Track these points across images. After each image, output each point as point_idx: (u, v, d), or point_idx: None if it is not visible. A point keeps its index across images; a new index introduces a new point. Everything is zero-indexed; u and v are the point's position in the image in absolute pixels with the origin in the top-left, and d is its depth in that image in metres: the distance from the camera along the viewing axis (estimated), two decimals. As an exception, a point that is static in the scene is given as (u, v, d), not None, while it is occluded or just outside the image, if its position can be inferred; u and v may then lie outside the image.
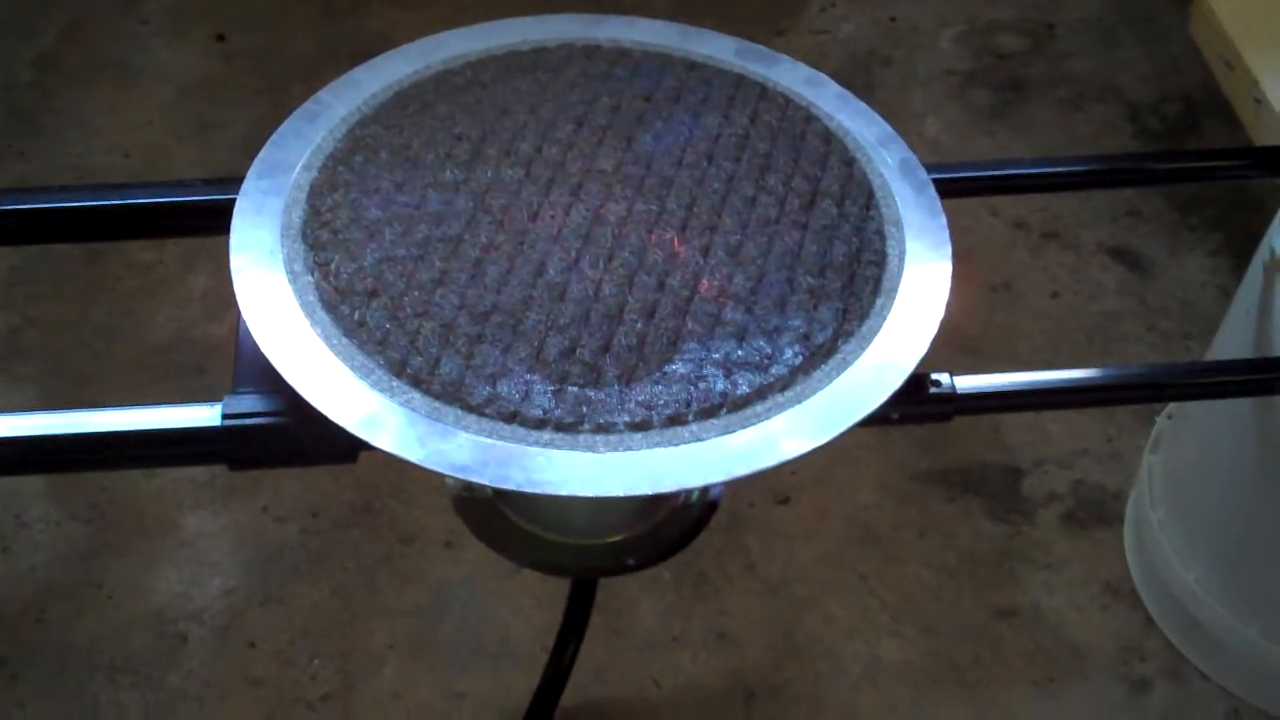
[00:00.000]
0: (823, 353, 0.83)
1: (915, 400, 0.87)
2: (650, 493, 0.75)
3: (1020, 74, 2.19)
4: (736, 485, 1.44)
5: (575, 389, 0.79)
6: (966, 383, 0.89)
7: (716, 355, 0.82)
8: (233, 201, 0.89)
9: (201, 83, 2.13)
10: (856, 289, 0.87)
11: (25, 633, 1.46)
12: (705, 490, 1.02)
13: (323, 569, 1.52)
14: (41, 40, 2.19)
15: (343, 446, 0.79)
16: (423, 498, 1.57)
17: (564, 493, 0.74)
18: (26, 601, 1.49)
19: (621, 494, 0.75)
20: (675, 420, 0.78)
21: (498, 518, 1.01)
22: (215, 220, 0.91)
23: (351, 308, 0.82)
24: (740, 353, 0.82)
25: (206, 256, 1.82)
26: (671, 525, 1.01)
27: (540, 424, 0.78)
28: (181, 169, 1.97)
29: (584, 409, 0.78)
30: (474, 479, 0.75)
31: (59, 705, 1.41)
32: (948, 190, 0.97)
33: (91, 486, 1.59)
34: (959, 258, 0.91)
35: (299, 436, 0.82)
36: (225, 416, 0.82)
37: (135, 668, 1.43)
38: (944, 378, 0.89)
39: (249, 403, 0.82)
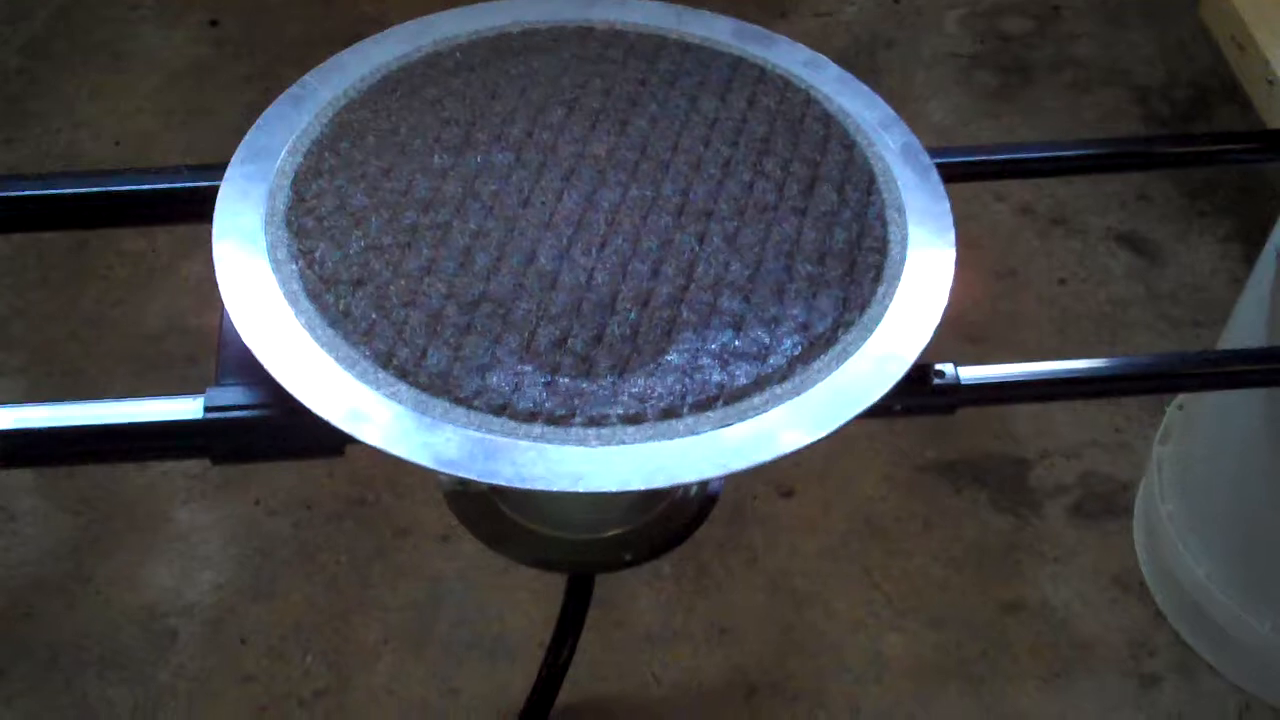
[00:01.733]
0: (822, 343, 0.80)
1: (918, 392, 0.85)
2: (643, 489, 0.73)
3: (1026, 57, 2.15)
4: (738, 478, 1.42)
5: (567, 381, 0.77)
6: (971, 373, 0.87)
7: (713, 346, 0.79)
8: (217, 188, 0.87)
9: (192, 69, 2.10)
10: (857, 277, 0.84)
11: (13, 628, 1.44)
12: (704, 483, 1.00)
13: (316, 563, 1.50)
14: (30, 25, 2.16)
15: (328, 440, 0.77)
16: (417, 490, 1.55)
17: (555, 489, 0.72)
18: (14, 596, 1.47)
19: (614, 490, 0.72)
20: (670, 413, 0.76)
21: (493, 512, 0.99)
22: (201, 207, 0.90)
23: (336, 297, 0.80)
24: (737, 343, 0.79)
25: (200, 244, 1.77)
26: (670, 519, 0.99)
27: (531, 417, 0.75)
28: (172, 156, 1.94)
29: (576, 401, 0.76)
30: (461, 474, 0.73)
31: (47, 701, 1.39)
32: (952, 175, 0.94)
33: (81, 479, 1.56)
34: (964, 244, 0.88)
35: (283, 430, 0.80)
36: (208, 409, 0.80)
37: (124, 664, 1.41)
38: (948, 368, 0.86)
39: (232, 395, 0.80)
